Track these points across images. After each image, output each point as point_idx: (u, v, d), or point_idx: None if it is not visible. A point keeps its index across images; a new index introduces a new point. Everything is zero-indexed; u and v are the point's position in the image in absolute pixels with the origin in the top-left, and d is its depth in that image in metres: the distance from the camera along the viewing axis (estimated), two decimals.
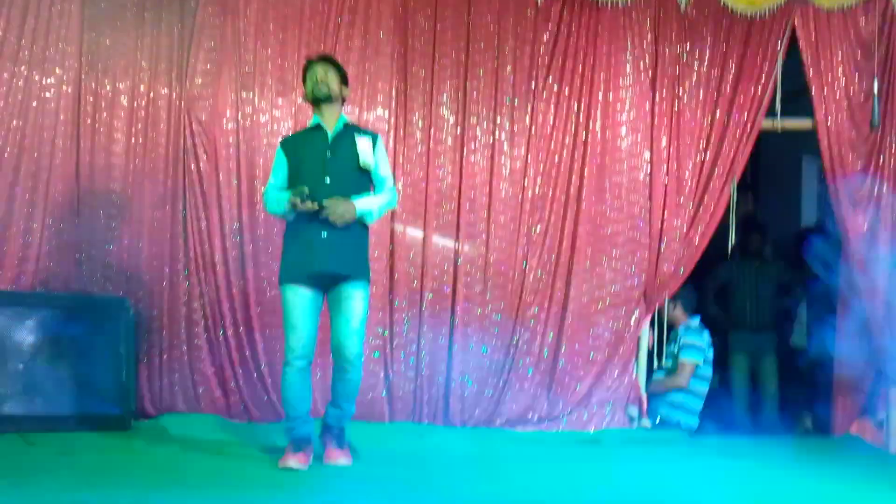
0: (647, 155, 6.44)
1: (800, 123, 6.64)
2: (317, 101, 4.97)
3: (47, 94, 6.12)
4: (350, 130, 4.99)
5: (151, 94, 6.25)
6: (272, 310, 6.21)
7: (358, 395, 5.01)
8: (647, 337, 6.70)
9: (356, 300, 4.84)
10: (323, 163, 4.88)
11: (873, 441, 6.30)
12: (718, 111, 6.42)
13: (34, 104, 6.10)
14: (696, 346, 6.72)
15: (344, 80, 5.06)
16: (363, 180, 4.94)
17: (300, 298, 4.84)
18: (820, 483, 4.94)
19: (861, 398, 6.51)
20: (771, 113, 6.55)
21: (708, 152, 6.41)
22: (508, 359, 6.38)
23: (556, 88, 6.45)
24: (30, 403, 5.58)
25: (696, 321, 6.84)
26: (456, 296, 6.37)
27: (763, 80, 6.41)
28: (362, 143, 4.92)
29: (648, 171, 6.44)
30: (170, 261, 6.25)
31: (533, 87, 6.44)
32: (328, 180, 4.83)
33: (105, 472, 4.46)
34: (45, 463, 4.64)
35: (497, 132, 6.42)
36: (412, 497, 4.12)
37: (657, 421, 6.65)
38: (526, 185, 6.43)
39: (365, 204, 4.86)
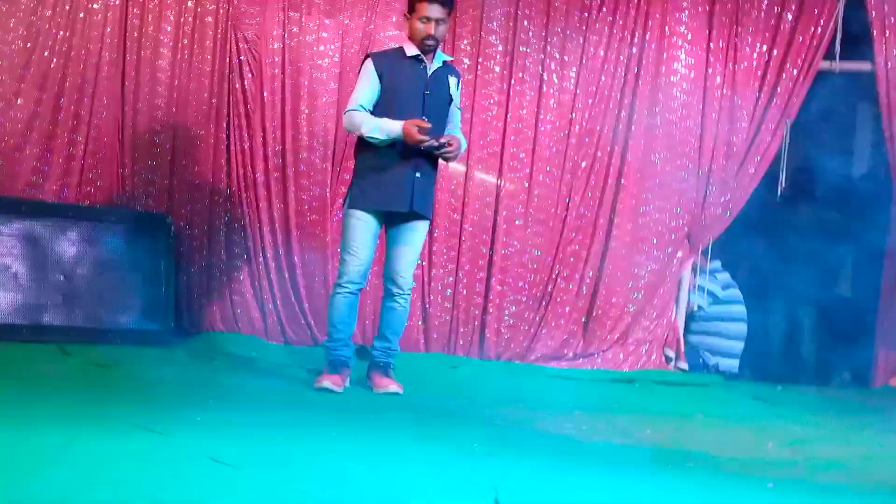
0: (700, 92, 6.29)
1: (858, 66, 6.45)
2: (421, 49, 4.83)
3: (94, 6, 6.09)
4: (446, 69, 4.91)
5: (199, 10, 6.20)
6: (312, 233, 6.21)
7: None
8: (688, 279, 6.62)
9: (421, 234, 4.88)
10: (422, 98, 4.78)
11: None
12: (776, 50, 6.24)
13: (81, 15, 6.07)
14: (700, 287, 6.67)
15: (450, 16, 4.94)
16: (447, 120, 4.91)
17: (367, 226, 4.79)
18: (852, 430, 4.88)
19: None
20: (829, 55, 6.37)
21: (763, 92, 6.26)
22: (546, 294, 6.33)
23: (609, 19, 6.30)
24: (69, 315, 5.63)
25: (716, 263, 6.75)
26: (496, 229, 6.31)
27: (824, 20, 6.22)
28: (452, 84, 4.89)
29: (700, 108, 6.30)
30: (212, 180, 6.24)
31: (585, 16, 6.30)
32: (425, 117, 4.72)
33: (139, 386, 4.49)
34: (80, 374, 4.67)
35: (547, 62, 6.30)
36: (440, 425, 4.12)
37: (702, 363, 6.62)
38: (574, 118, 6.32)
39: (462, 144, 4.88)
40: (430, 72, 4.82)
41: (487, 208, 6.33)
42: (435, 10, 4.73)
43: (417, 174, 4.72)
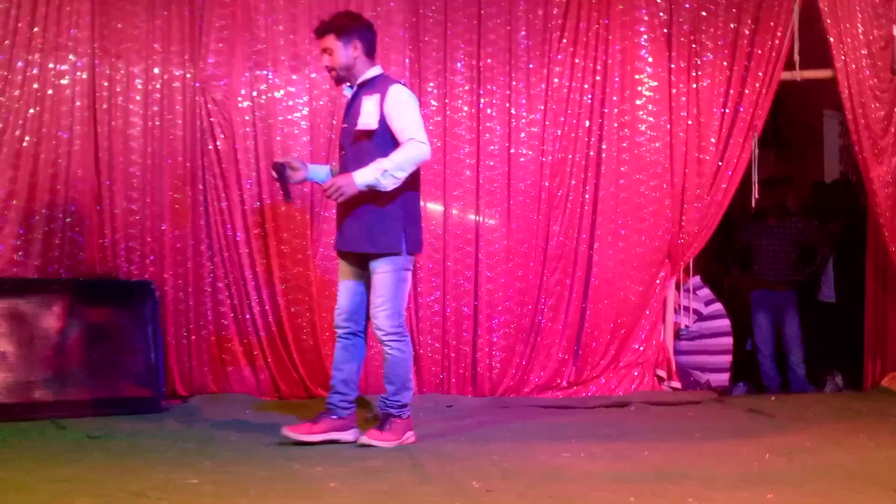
0: (666, 113, 6.38)
1: (819, 74, 6.55)
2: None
3: (62, 81, 6.14)
4: (360, 92, 4.72)
5: (166, 77, 6.25)
6: (297, 286, 6.23)
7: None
8: (672, 298, 6.66)
9: (378, 275, 4.68)
10: (340, 134, 4.85)
11: None
12: (736, 65, 6.34)
13: (50, 92, 6.12)
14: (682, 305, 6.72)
15: (354, 37, 4.68)
16: (379, 143, 4.61)
17: (342, 271, 4.85)
18: (847, 434, 4.91)
19: (893, 351, 6.46)
20: (790, 65, 6.47)
21: (727, 108, 6.35)
22: (534, 325, 6.36)
23: (570, 50, 6.39)
24: (60, 389, 5.61)
25: (695, 279, 6.80)
26: (479, 265, 6.35)
27: (780, 32, 6.33)
28: (367, 105, 4.63)
29: (668, 129, 6.38)
30: (193, 242, 6.27)
31: (547, 49, 6.38)
32: (343, 152, 4.78)
33: (134, 454, 4.46)
34: (75, 447, 4.65)
35: (513, 97, 6.38)
36: (437, 465, 4.12)
37: (693, 381, 6.65)
38: (545, 149, 6.38)
39: (366, 174, 4.50)
40: (348, 104, 4.84)
41: (468, 245, 6.37)
42: (324, 53, 4.79)
43: (340, 211, 4.76)
